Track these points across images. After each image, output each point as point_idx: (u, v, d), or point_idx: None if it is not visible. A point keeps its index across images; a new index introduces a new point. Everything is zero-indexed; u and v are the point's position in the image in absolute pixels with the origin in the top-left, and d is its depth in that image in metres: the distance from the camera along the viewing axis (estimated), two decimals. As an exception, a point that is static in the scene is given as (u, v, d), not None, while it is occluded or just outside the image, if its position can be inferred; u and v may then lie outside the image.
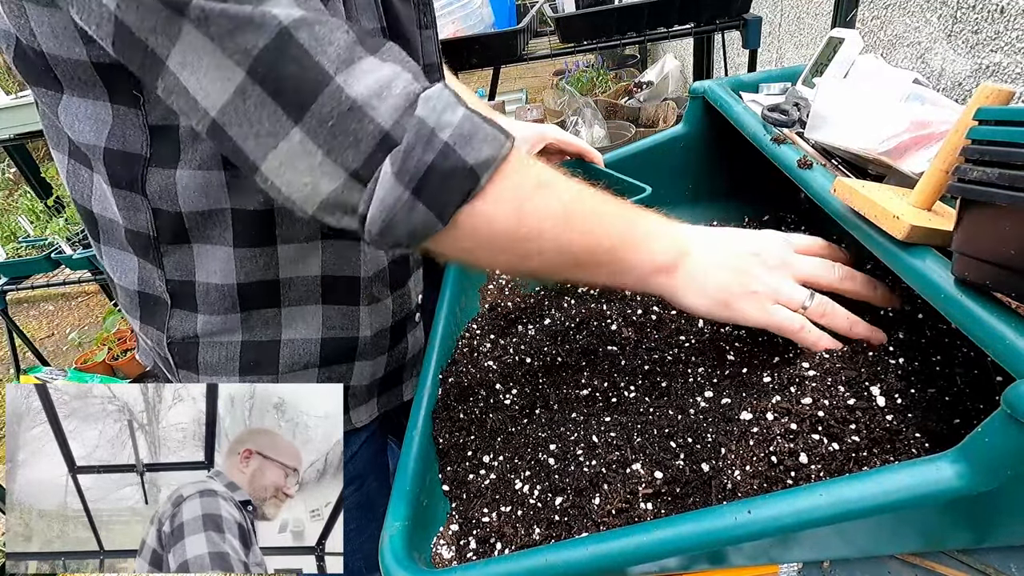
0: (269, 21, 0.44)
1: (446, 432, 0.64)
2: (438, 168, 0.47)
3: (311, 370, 0.72)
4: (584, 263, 0.54)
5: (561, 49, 1.70)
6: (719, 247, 0.56)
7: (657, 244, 0.55)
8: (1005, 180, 0.38)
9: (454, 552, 0.54)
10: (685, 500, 0.51)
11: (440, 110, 0.48)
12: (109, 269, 0.70)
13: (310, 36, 0.45)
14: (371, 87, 0.46)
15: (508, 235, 0.51)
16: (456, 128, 0.48)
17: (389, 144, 0.47)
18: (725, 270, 0.55)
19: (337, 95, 0.46)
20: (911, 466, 0.39)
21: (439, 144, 0.47)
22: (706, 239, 0.57)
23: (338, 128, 0.46)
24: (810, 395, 0.54)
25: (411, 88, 0.48)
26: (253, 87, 0.45)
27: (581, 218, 0.53)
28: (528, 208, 0.51)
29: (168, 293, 0.66)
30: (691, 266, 0.55)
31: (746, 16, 1.55)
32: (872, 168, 0.65)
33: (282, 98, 0.46)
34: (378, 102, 0.46)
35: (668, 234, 0.56)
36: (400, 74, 0.48)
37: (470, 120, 0.49)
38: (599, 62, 3.23)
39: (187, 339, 0.68)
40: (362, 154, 0.47)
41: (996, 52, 1.02)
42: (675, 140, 0.96)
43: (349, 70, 0.46)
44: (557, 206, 0.52)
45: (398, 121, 0.47)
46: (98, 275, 2.20)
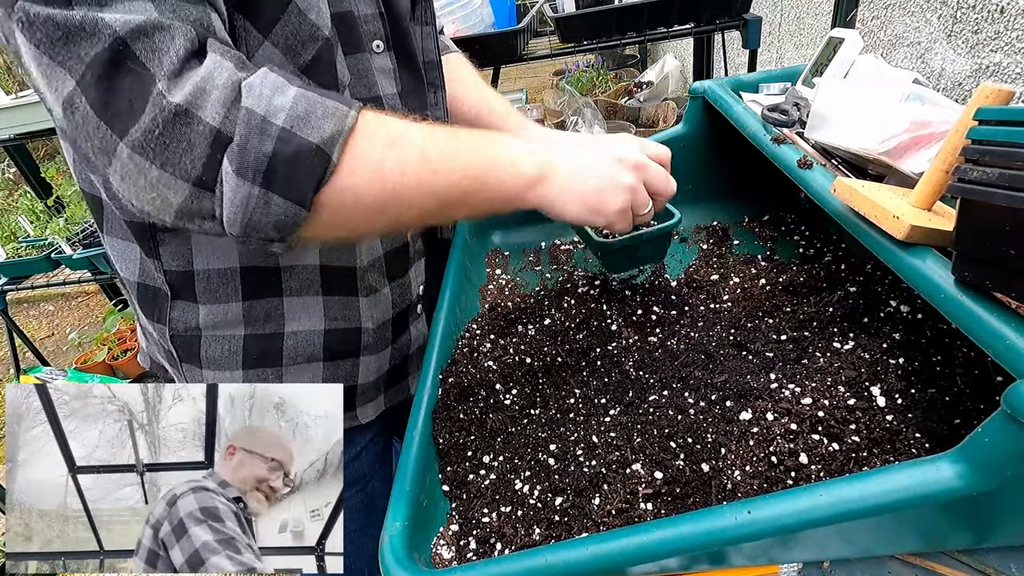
0: (103, 30, 0.42)
1: (446, 432, 0.64)
2: (281, 155, 0.46)
3: (315, 364, 0.72)
4: (458, 200, 0.55)
5: (561, 49, 1.70)
6: (583, 154, 0.60)
7: (523, 161, 0.57)
8: (1005, 180, 0.38)
9: (454, 552, 0.54)
10: (685, 500, 0.51)
11: (268, 95, 0.46)
12: (114, 260, 0.71)
13: (147, 47, 0.43)
14: (193, 86, 0.44)
15: (376, 201, 0.51)
16: (290, 110, 0.46)
17: (223, 142, 0.45)
18: (594, 177, 0.59)
19: (159, 102, 0.43)
20: (911, 466, 0.39)
21: (275, 130, 0.46)
22: (570, 149, 0.60)
23: (167, 137, 0.44)
24: (810, 395, 0.54)
25: (234, 78, 0.46)
26: (80, 99, 0.43)
27: (441, 160, 0.53)
28: (387, 168, 0.50)
29: (167, 284, 0.66)
30: (562, 175, 0.58)
31: (746, 16, 1.55)
32: (872, 168, 0.65)
33: (108, 111, 0.43)
34: (202, 100, 0.44)
35: (531, 150, 0.59)
36: (220, 64, 0.46)
37: (304, 98, 0.47)
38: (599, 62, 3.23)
39: (190, 332, 0.68)
40: (199, 159, 0.45)
41: (996, 52, 1.02)
42: (675, 140, 0.96)
43: (178, 76, 0.44)
44: (414, 157, 0.52)
45: (226, 116, 0.45)
46: (98, 275, 2.20)
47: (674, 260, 0.89)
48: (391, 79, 0.69)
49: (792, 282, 0.73)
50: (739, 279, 0.78)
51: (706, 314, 0.73)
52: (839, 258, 0.78)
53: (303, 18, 0.56)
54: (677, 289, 0.80)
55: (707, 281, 0.80)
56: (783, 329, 0.66)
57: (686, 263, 0.86)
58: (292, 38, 0.57)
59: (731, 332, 0.68)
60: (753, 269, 0.79)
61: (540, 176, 0.58)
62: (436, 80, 0.80)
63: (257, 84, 0.46)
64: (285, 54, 0.57)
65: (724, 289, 0.77)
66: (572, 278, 0.87)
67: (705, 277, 0.80)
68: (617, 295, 0.81)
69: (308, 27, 0.57)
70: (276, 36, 0.56)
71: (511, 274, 0.93)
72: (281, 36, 0.56)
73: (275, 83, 0.47)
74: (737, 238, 0.90)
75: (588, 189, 0.59)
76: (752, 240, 0.89)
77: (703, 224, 0.95)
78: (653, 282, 0.83)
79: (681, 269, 0.85)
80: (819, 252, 0.81)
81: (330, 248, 0.68)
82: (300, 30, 0.57)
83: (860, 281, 0.70)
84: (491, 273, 0.93)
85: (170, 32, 0.44)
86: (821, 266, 0.76)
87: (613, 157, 0.61)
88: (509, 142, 0.59)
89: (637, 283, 0.84)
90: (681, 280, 0.82)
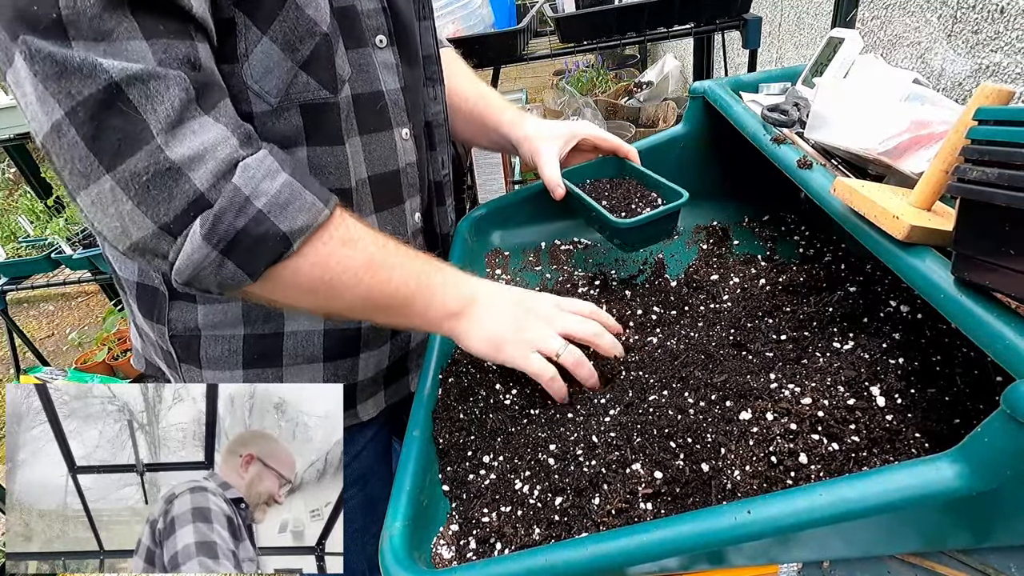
0: (100, 74, 0.45)
1: (446, 432, 0.64)
2: (250, 233, 0.51)
3: (316, 364, 0.72)
4: (383, 308, 0.61)
5: (561, 49, 1.69)
6: (499, 300, 0.64)
7: (450, 294, 0.63)
8: (1005, 180, 0.38)
9: (454, 552, 0.54)
10: (685, 500, 0.51)
11: (259, 179, 0.51)
12: (112, 260, 0.71)
13: (141, 93, 0.46)
14: (194, 149, 0.48)
15: (312, 286, 0.56)
16: (273, 196, 0.51)
17: (202, 206, 0.49)
18: (502, 319, 0.63)
19: (156, 154, 0.47)
20: (911, 466, 0.39)
21: (252, 211, 0.51)
22: (490, 293, 0.65)
23: (152, 184, 0.48)
24: (810, 395, 0.54)
25: (235, 155, 0.50)
26: (69, 128, 0.46)
27: (384, 269, 0.59)
28: (332, 263, 0.56)
29: (165, 283, 0.66)
30: (475, 314, 0.63)
31: (746, 16, 1.55)
32: (872, 168, 0.65)
33: (97, 145, 0.47)
34: (198, 165, 0.49)
35: (460, 286, 0.64)
36: (227, 139, 0.50)
37: (290, 188, 0.52)
38: (599, 62, 3.23)
39: (189, 332, 0.68)
40: (173, 211, 0.49)
41: (996, 52, 1.02)
42: (675, 140, 0.96)
43: (175, 131, 0.48)
44: (361, 260, 0.57)
45: (214, 185, 0.49)
46: (98, 275, 2.20)
47: (674, 260, 0.89)
48: (393, 74, 0.69)
49: (792, 282, 0.73)
50: (739, 279, 0.78)
51: (706, 314, 0.73)
52: (839, 258, 0.78)
53: (301, 13, 0.57)
54: (677, 289, 0.80)
55: (707, 281, 0.80)
56: (783, 329, 0.66)
57: (686, 263, 0.86)
58: (290, 33, 0.57)
59: (731, 332, 0.68)
60: (753, 269, 0.79)
61: (459, 311, 0.63)
62: (435, 75, 0.80)
63: (253, 166, 0.51)
64: (283, 50, 0.57)
65: (724, 289, 0.77)
66: (572, 278, 0.87)
67: (705, 277, 0.80)
68: (617, 295, 0.81)
69: (306, 22, 0.57)
70: (274, 32, 0.56)
71: (511, 274, 0.93)
72: (279, 32, 0.56)
73: (269, 168, 0.52)
74: (737, 238, 0.90)
75: (490, 332, 0.63)
76: (752, 240, 0.89)
77: (703, 224, 0.95)
78: (653, 282, 0.83)
79: (681, 269, 0.85)
80: (819, 252, 0.81)
81: None
82: (298, 26, 0.57)
83: (860, 281, 0.70)
84: (491, 273, 0.93)
85: (165, 82, 0.47)
86: (821, 266, 0.76)
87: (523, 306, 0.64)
88: (445, 276, 0.64)
89: (637, 283, 0.84)
90: (681, 280, 0.82)
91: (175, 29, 0.48)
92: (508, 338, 0.62)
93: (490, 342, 0.63)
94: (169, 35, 0.48)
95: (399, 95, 0.70)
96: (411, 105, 0.72)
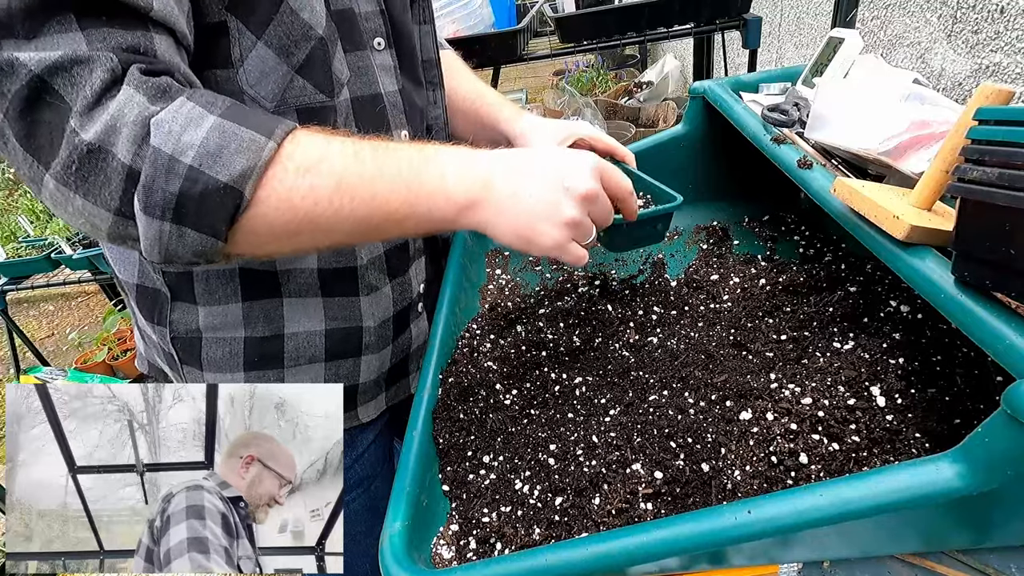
0: (18, 69, 0.43)
1: (446, 432, 0.64)
2: (189, 194, 0.46)
3: (317, 365, 0.72)
4: (382, 227, 0.54)
5: (561, 49, 1.70)
6: (524, 174, 0.55)
7: (454, 184, 0.54)
8: (1005, 180, 0.38)
9: (454, 552, 0.54)
10: (685, 500, 0.51)
11: (179, 131, 0.45)
12: (113, 262, 0.70)
13: (65, 81, 0.43)
14: (105, 123, 0.44)
15: (290, 229, 0.50)
16: (200, 147, 0.46)
17: (134, 178, 0.45)
18: (532, 200, 0.54)
19: (72, 139, 0.44)
20: (911, 466, 0.39)
21: (183, 168, 0.45)
22: (508, 167, 0.55)
23: (85, 171, 0.45)
24: (810, 395, 0.54)
25: (144, 113, 0.45)
26: (8, 131, 0.44)
27: (362, 186, 0.51)
28: (297, 199, 0.49)
29: (167, 285, 0.66)
30: (497, 198, 0.54)
31: (746, 16, 1.55)
32: (872, 168, 0.65)
33: (32, 144, 0.44)
34: (114, 137, 0.44)
35: (464, 170, 0.55)
36: (131, 98, 0.45)
37: (219, 131, 0.46)
38: (599, 62, 3.23)
39: (190, 333, 0.68)
40: (116, 192, 0.45)
41: (996, 52, 1.02)
42: (675, 140, 0.96)
43: (91, 112, 0.44)
44: (329, 184, 0.50)
45: (137, 153, 0.45)
46: (98, 275, 2.20)
47: (674, 260, 0.89)
48: (392, 76, 0.69)
49: (792, 282, 0.73)
50: (739, 279, 0.78)
51: (706, 314, 0.73)
52: (839, 258, 0.78)
53: (296, 18, 0.56)
54: (677, 289, 0.80)
55: (707, 281, 0.80)
56: (783, 329, 0.66)
57: (686, 263, 0.86)
58: (285, 38, 0.57)
59: (731, 332, 0.68)
60: (753, 269, 0.79)
61: (472, 200, 0.54)
62: (435, 79, 0.80)
63: (167, 120, 0.45)
64: (279, 54, 0.57)
65: (724, 289, 0.77)
66: (572, 278, 0.87)
67: (705, 277, 0.80)
68: (617, 295, 0.81)
69: (301, 27, 0.57)
70: (269, 37, 0.56)
71: (511, 274, 0.93)
72: (274, 36, 0.56)
73: (188, 116, 0.46)
74: (737, 238, 0.90)
75: (520, 219, 0.55)
76: (752, 240, 0.89)
77: (703, 224, 0.95)
78: (653, 282, 0.83)
79: (681, 269, 0.85)
80: (819, 252, 0.81)
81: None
82: (293, 30, 0.57)
83: (860, 281, 0.70)
84: (491, 273, 0.93)
85: (89, 65, 0.44)
86: (821, 266, 0.76)
87: (559, 183, 0.55)
88: (442, 165, 0.55)
89: (637, 283, 0.84)
90: (681, 280, 0.82)
91: (121, 23, 0.45)
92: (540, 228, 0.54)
93: (519, 234, 0.55)
94: (112, 26, 0.45)
95: (397, 97, 0.70)
96: (409, 107, 0.72)
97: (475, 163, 0.56)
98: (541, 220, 0.54)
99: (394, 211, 0.53)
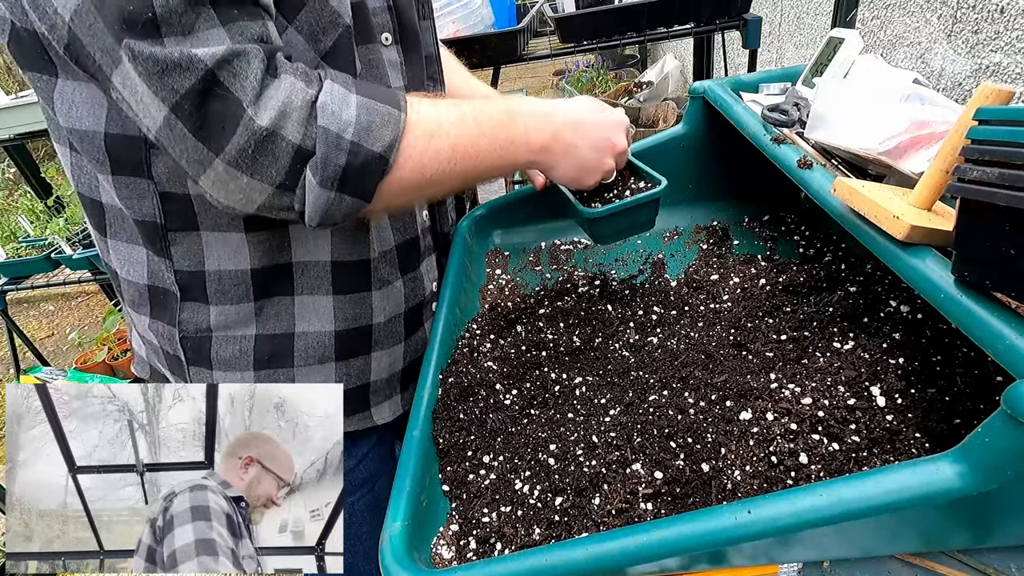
0: (196, 65, 0.48)
1: (446, 432, 0.64)
2: (353, 166, 0.54)
3: (328, 364, 0.71)
4: (482, 174, 0.65)
5: (561, 49, 1.69)
6: (580, 130, 0.70)
7: (533, 138, 0.67)
8: (1005, 180, 0.38)
9: (454, 552, 0.54)
10: (685, 500, 0.51)
11: (338, 111, 0.53)
12: (116, 264, 0.70)
13: (230, 73, 0.49)
14: (277, 109, 0.51)
15: (416, 185, 0.60)
16: (356, 123, 0.54)
17: (304, 156, 0.53)
18: (586, 153, 0.70)
19: (250, 126, 0.50)
20: (911, 466, 0.39)
21: (346, 145, 0.54)
22: (571, 122, 0.69)
23: (257, 153, 0.52)
24: (810, 395, 0.54)
25: (307, 98, 0.53)
26: (176, 122, 0.50)
27: (471, 145, 0.62)
28: (426, 160, 0.59)
29: (177, 285, 0.66)
30: (561, 146, 0.69)
31: (746, 16, 1.55)
32: (872, 168, 0.65)
33: (204, 133, 0.50)
34: (285, 121, 0.51)
35: (541, 124, 0.68)
36: (294, 86, 0.52)
37: (365, 108, 0.55)
38: (599, 62, 3.23)
39: (200, 333, 0.67)
40: (283, 168, 0.53)
41: (996, 52, 1.02)
42: (675, 140, 0.96)
43: (259, 100, 0.51)
44: (448, 146, 0.60)
45: (305, 133, 0.52)
46: (98, 275, 2.20)
47: (674, 260, 0.89)
48: (398, 72, 0.70)
49: (792, 282, 0.73)
50: (739, 279, 0.78)
51: (706, 314, 0.73)
52: (839, 258, 0.78)
53: (325, 4, 0.58)
54: (677, 289, 0.80)
55: (707, 281, 0.80)
56: (783, 329, 0.66)
57: (686, 263, 0.86)
58: (315, 24, 0.59)
59: (731, 332, 0.68)
60: (753, 269, 0.79)
61: (543, 147, 0.68)
62: (436, 74, 0.80)
63: (328, 102, 0.53)
64: (307, 40, 0.59)
65: (724, 289, 0.77)
66: (572, 278, 0.87)
67: (705, 277, 0.80)
68: (617, 295, 0.81)
69: (330, 14, 0.59)
70: (300, 22, 0.58)
71: (511, 274, 0.93)
72: (304, 22, 0.58)
73: (340, 96, 0.54)
74: (737, 238, 0.90)
75: (575, 165, 0.70)
76: (752, 240, 0.89)
77: (703, 224, 0.95)
78: (653, 282, 0.83)
79: (681, 269, 0.85)
80: (819, 252, 0.81)
81: (341, 243, 0.68)
82: (322, 17, 0.59)
83: (860, 281, 0.70)
84: (491, 273, 0.93)
85: (246, 57, 0.50)
86: (821, 266, 0.76)
87: (607, 140, 0.71)
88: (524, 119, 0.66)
89: (637, 283, 0.84)
90: (681, 280, 0.82)
91: (248, 13, 0.51)
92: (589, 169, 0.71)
93: (573, 176, 0.71)
94: (243, 19, 0.51)
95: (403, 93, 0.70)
96: None
97: (548, 119, 0.68)
98: (589, 168, 0.71)
99: (491, 164, 0.64)
